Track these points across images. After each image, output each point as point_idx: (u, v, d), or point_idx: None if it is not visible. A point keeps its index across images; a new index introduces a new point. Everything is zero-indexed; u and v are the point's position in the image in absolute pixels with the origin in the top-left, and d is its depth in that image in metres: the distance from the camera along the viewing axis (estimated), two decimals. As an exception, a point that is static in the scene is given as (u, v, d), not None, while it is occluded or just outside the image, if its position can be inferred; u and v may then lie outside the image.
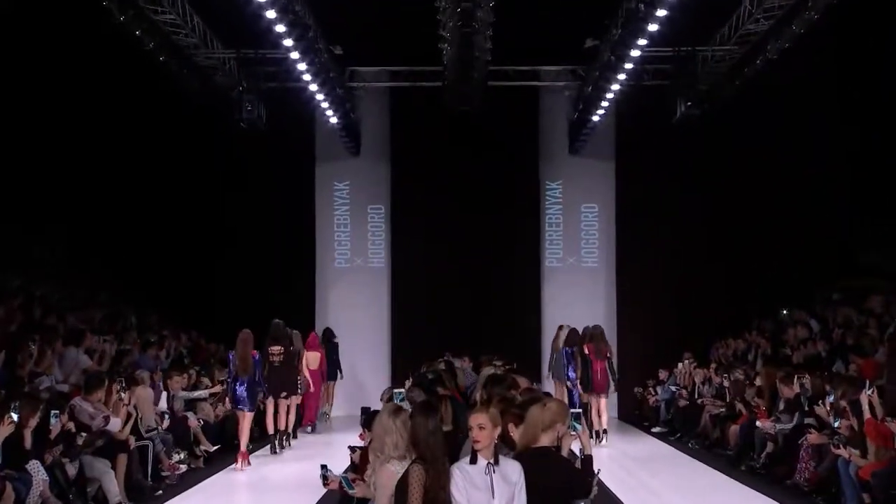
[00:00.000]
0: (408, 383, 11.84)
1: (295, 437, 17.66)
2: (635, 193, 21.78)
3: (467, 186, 21.66)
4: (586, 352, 17.37)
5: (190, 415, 15.19)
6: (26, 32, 17.52)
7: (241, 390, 14.83)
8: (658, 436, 18.76)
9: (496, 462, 6.06)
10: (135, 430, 12.68)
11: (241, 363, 14.83)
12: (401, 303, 22.10)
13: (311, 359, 18.81)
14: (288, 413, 16.65)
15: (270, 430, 16.13)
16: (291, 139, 21.49)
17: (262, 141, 20.16)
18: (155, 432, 13.37)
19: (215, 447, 15.24)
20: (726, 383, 17.01)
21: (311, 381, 18.35)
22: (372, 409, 7.78)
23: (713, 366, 18.73)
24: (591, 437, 15.74)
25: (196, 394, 15.81)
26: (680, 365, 19.68)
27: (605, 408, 17.36)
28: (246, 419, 14.90)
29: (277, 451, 16.13)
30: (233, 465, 14.75)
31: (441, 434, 6.12)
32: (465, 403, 9.54)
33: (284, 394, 16.31)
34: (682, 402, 18.48)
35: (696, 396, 18.22)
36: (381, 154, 22.36)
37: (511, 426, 6.86)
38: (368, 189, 22.46)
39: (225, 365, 17.77)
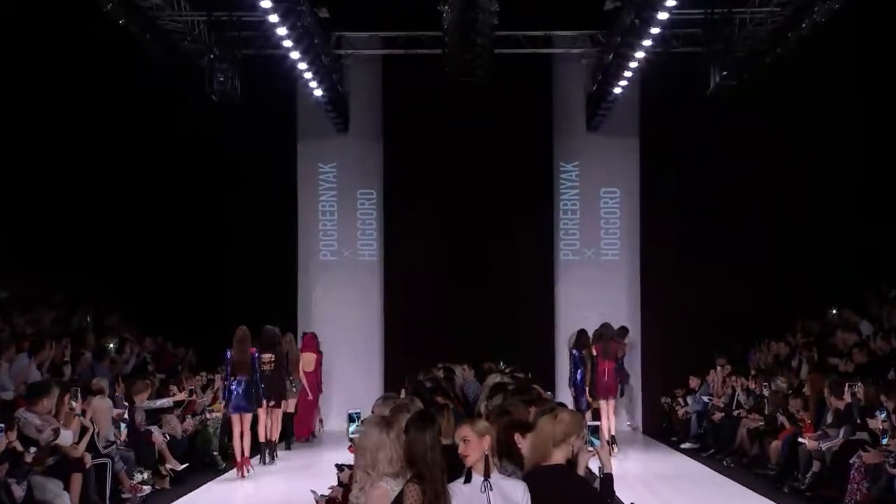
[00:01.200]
0: (403, 392, 11.82)
1: (289, 447, 18.72)
2: (663, 176, 21.74)
3: (470, 168, 21.63)
4: (594, 353, 17.93)
5: (154, 429, 15.14)
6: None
7: (239, 392, 15.60)
8: (688, 452, 18.78)
9: (491, 478, 6.09)
10: (91, 447, 12.64)
11: (239, 363, 15.61)
12: (395, 300, 22.09)
13: (307, 361, 19.39)
14: (275, 422, 17.36)
15: (262, 439, 16.84)
16: (270, 114, 21.45)
17: (237, 116, 20.07)
18: (113, 447, 13.32)
19: (183, 465, 15.24)
20: (766, 393, 17.00)
21: (307, 387, 19.13)
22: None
23: (751, 373, 18.71)
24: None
25: (159, 403, 15.73)
26: (713, 372, 19.67)
27: (612, 412, 17.85)
28: (245, 422, 15.68)
29: (267, 461, 16.92)
30: (234, 474, 15.59)
31: (440, 449, 6.12)
32: (465, 413, 9.51)
33: (272, 402, 17.01)
34: (716, 415, 18.49)
35: (732, 408, 18.21)
36: (373, 131, 22.33)
37: (518, 437, 6.82)
38: (358, 171, 22.42)
39: (194, 371, 18.02)
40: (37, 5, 18.22)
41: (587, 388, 18.03)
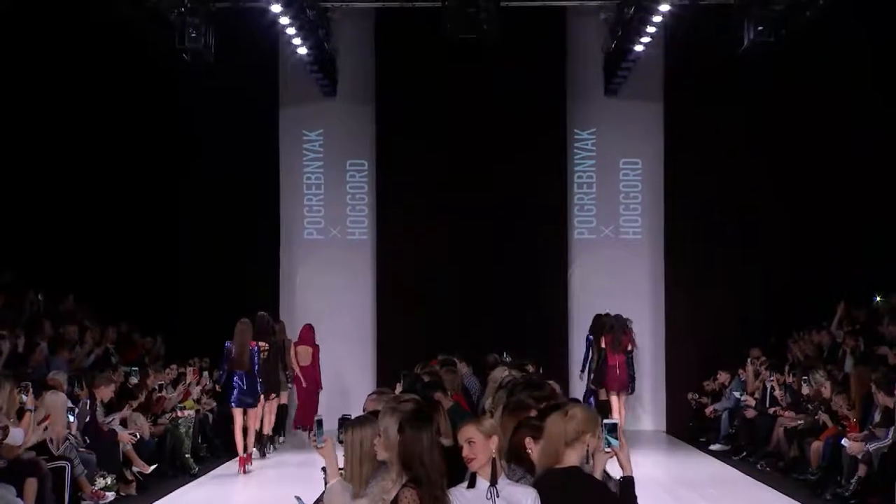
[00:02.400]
0: (399, 387, 11.79)
1: (279, 441, 19.81)
2: (689, 145, 21.71)
3: (473, 137, 21.60)
4: (603, 344, 18.98)
5: (119, 428, 15.08)
6: None
7: (242, 386, 16.80)
8: (718, 454, 18.85)
9: (498, 483, 6.14)
10: (46, 448, 12.60)
11: (239, 357, 16.78)
12: (388, 284, 22.07)
13: (303, 354, 20.06)
14: (269, 414, 18.35)
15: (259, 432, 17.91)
16: (248, 75, 21.37)
17: (211, 77, 20.01)
18: (67, 444, 13.24)
19: (152, 467, 15.22)
20: (806, 389, 16.98)
21: (301, 378, 19.94)
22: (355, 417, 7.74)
23: (788, 366, 18.70)
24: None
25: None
26: (746, 365, 19.64)
27: (623, 408, 18.96)
28: (247, 417, 16.96)
29: (266, 454, 18.27)
30: (235, 471, 16.63)
31: (438, 450, 6.15)
32: (468, 411, 9.47)
33: (273, 395, 18.32)
34: (749, 413, 18.51)
35: (767, 405, 18.22)
36: (364, 95, 22.29)
37: (529, 441, 6.78)
38: (347, 140, 22.43)
39: (162, 362, 18.27)
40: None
41: (590, 377, 19.31)
